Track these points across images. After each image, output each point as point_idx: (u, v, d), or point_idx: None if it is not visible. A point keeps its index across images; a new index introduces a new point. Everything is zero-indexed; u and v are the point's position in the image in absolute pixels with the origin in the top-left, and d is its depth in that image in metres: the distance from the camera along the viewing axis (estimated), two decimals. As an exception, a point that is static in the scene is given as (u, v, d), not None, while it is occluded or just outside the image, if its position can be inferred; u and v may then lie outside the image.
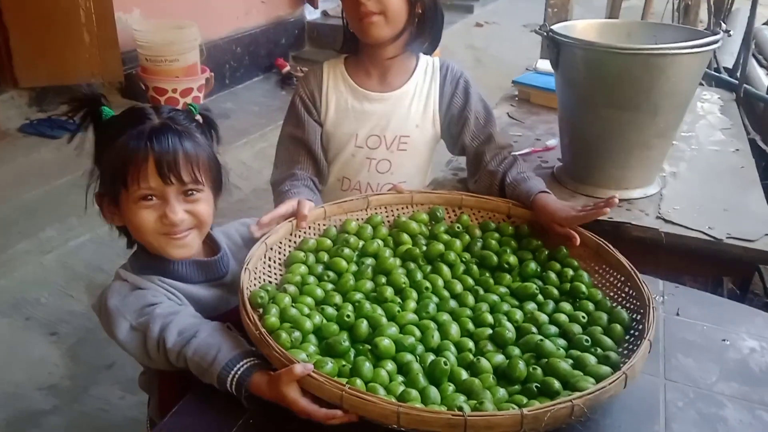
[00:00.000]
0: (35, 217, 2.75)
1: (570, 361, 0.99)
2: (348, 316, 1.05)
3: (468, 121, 1.52)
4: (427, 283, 1.17)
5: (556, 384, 0.93)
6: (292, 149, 1.53)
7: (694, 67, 1.49)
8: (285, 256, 1.22)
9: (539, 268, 1.23)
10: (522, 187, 1.38)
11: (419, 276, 1.19)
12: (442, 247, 1.25)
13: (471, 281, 1.20)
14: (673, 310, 1.24)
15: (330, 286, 1.16)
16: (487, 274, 1.23)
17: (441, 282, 1.18)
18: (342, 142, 1.54)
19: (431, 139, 1.57)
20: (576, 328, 1.07)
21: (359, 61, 1.53)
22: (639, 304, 1.08)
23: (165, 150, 1.02)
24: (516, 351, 1.02)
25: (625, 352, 1.01)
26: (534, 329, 1.07)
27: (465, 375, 0.97)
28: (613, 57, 1.45)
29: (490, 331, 1.07)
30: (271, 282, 1.15)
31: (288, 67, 4.83)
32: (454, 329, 1.06)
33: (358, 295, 1.13)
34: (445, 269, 1.21)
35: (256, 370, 0.93)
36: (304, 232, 1.27)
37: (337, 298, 1.12)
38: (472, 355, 1.01)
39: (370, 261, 1.22)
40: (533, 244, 1.29)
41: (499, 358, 1.01)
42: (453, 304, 1.14)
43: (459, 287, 1.18)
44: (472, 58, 5.53)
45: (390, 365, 0.97)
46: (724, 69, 2.85)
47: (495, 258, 1.24)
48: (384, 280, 1.18)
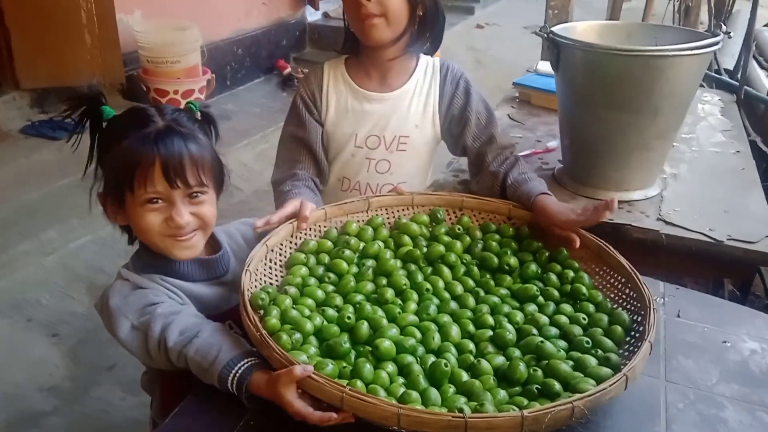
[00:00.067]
0: (36, 218, 2.75)
1: (570, 362, 0.99)
2: (349, 318, 1.05)
3: (469, 121, 1.52)
4: (428, 285, 1.17)
5: (557, 385, 0.93)
6: (293, 149, 1.54)
7: (694, 69, 1.49)
8: (286, 257, 1.22)
9: (540, 270, 1.23)
10: (522, 188, 1.38)
11: (420, 277, 1.19)
12: (442, 248, 1.25)
13: (472, 283, 1.20)
14: (673, 312, 1.24)
15: (331, 288, 1.16)
16: (488, 276, 1.23)
17: (442, 283, 1.18)
18: (342, 142, 1.55)
19: (431, 139, 1.57)
20: (576, 330, 1.07)
21: (360, 61, 1.53)
22: (639, 305, 1.08)
23: (171, 154, 1.03)
24: (516, 352, 1.03)
25: (626, 353, 1.01)
26: (534, 331, 1.07)
27: (465, 376, 0.97)
28: (613, 58, 1.45)
29: (490, 332, 1.07)
30: (272, 284, 1.16)
31: (289, 69, 4.82)
32: (455, 331, 1.06)
33: (359, 297, 1.13)
34: (446, 271, 1.21)
35: (257, 369, 0.93)
36: (305, 234, 1.27)
37: (338, 300, 1.12)
38: (472, 357, 1.01)
39: (370, 262, 1.23)
40: (534, 246, 1.29)
41: (500, 359, 1.01)
42: (453, 305, 1.14)
43: (460, 289, 1.18)
44: (473, 60, 5.53)
45: (390, 367, 0.97)
46: (725, 71, 2.85)
47: (496, 259, 1.24)
48: (385, 281, 1.18)
